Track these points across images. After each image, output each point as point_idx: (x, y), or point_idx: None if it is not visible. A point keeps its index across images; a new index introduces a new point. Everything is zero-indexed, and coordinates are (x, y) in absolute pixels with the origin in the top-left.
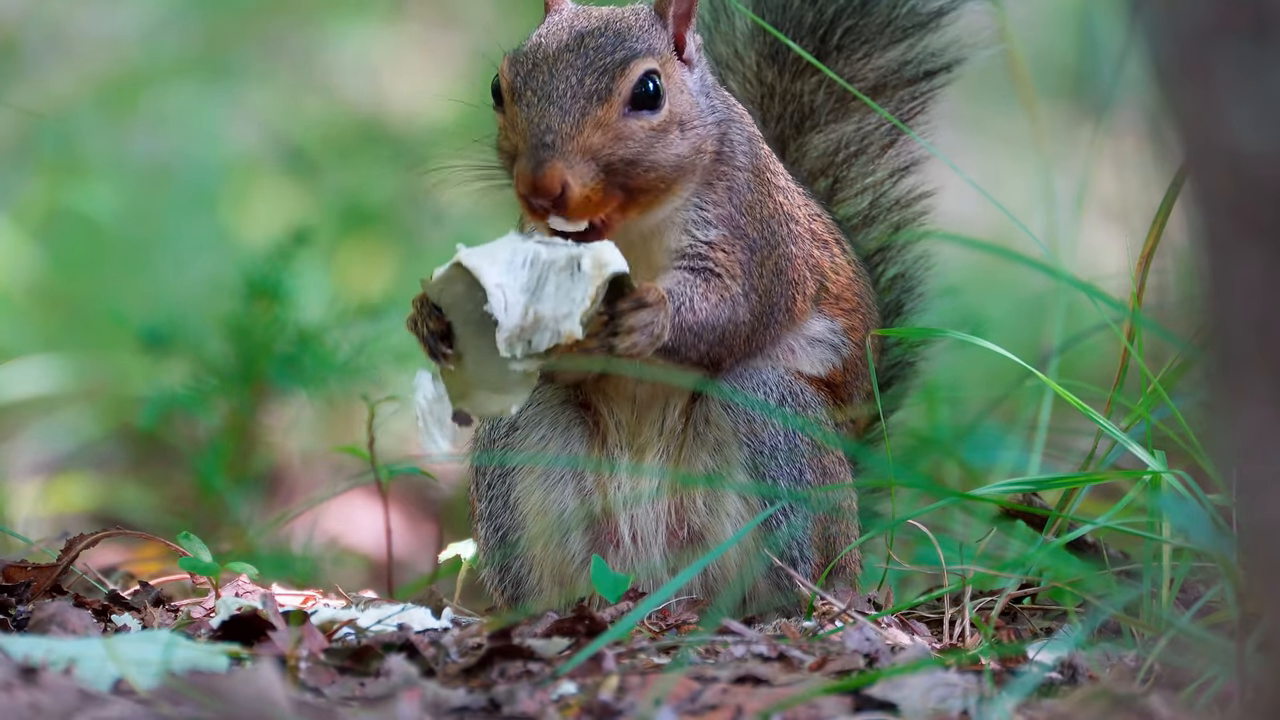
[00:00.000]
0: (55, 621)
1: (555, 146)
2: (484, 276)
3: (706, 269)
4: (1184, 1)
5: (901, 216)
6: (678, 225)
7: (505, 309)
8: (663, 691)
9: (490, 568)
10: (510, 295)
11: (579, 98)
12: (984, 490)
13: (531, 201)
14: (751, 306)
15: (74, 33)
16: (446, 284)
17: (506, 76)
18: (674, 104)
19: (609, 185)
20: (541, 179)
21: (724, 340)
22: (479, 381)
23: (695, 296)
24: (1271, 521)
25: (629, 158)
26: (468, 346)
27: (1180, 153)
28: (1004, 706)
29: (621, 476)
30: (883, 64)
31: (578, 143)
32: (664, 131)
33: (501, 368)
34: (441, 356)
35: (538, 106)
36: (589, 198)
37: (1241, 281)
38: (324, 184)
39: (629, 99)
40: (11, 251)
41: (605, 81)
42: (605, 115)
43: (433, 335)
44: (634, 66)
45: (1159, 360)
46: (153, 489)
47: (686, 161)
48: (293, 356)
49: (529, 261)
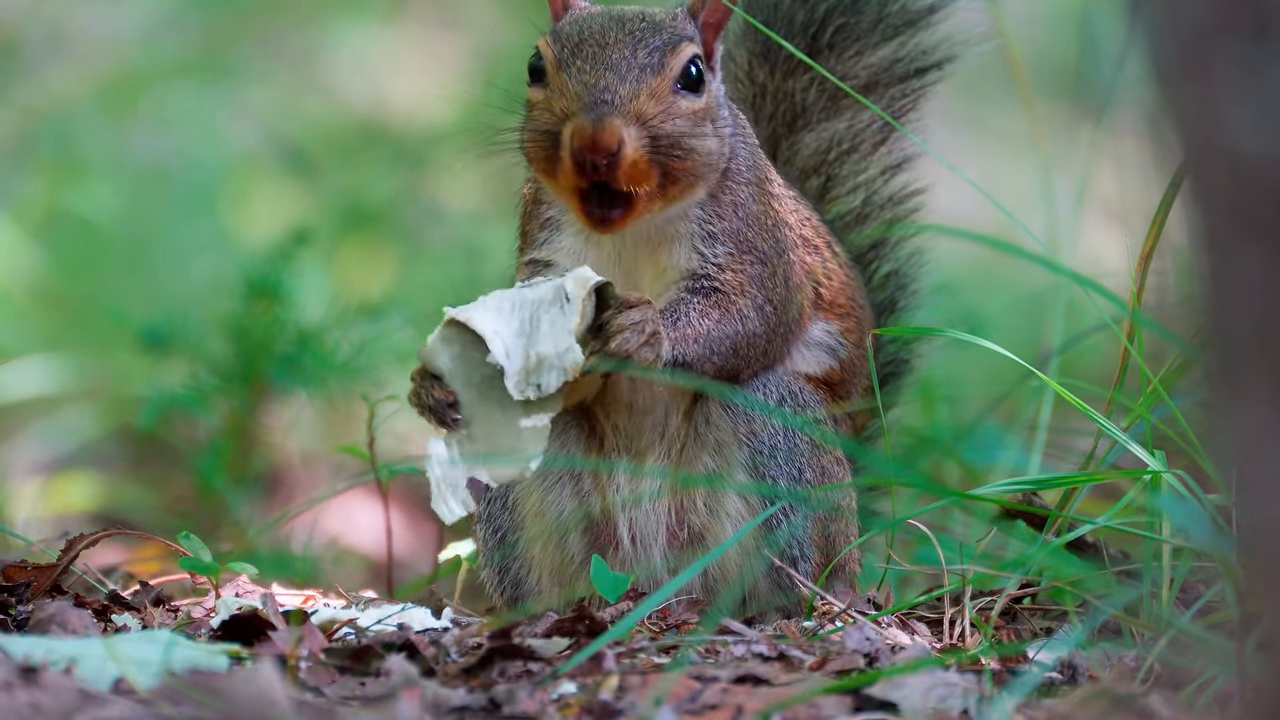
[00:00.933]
0: (55, 621)
1: (614, 104)
2: (477, 324)
3: (713, 289)
4: (1184, 1)
5: (894, 214)
6: (684, 238)
7: (506, 355)
8: (663, 691)
9: (490, 569)
10: (508, 341)
11: (634, 67)
12: (984, 490)
13: (585, 159)
14: (766, 318)
15: (74, 32)
16: (443, 345)
17: (550, 49)
18: (710, 97)
19: (653, 160)
20: (602, 132)
21: (737, 352)
22: (492, 445)
23: (692, 311)
24: (1271, 521)
25: (676, 135)
26: (474, 413)
27: (1180, 152)
28: (1004, 706)
29: (620, 478)
30: (874, 62)
31: (634, 106)
32: (702, 119)
33: (512, 427)
34: (451, 423)
35: (592, 71)
36: (637, 164)
37: (1241, 281)
38: (324, 184)
39: (679, 75)
40: (11, 251)
41: (658, 56)
42: (659, 86)
43: (439, 404)
44: (683, 48)
45: (1159, 360)
46: (153, 489)
47: (715, 158)
48: (293, 356)
49: (516, 305)
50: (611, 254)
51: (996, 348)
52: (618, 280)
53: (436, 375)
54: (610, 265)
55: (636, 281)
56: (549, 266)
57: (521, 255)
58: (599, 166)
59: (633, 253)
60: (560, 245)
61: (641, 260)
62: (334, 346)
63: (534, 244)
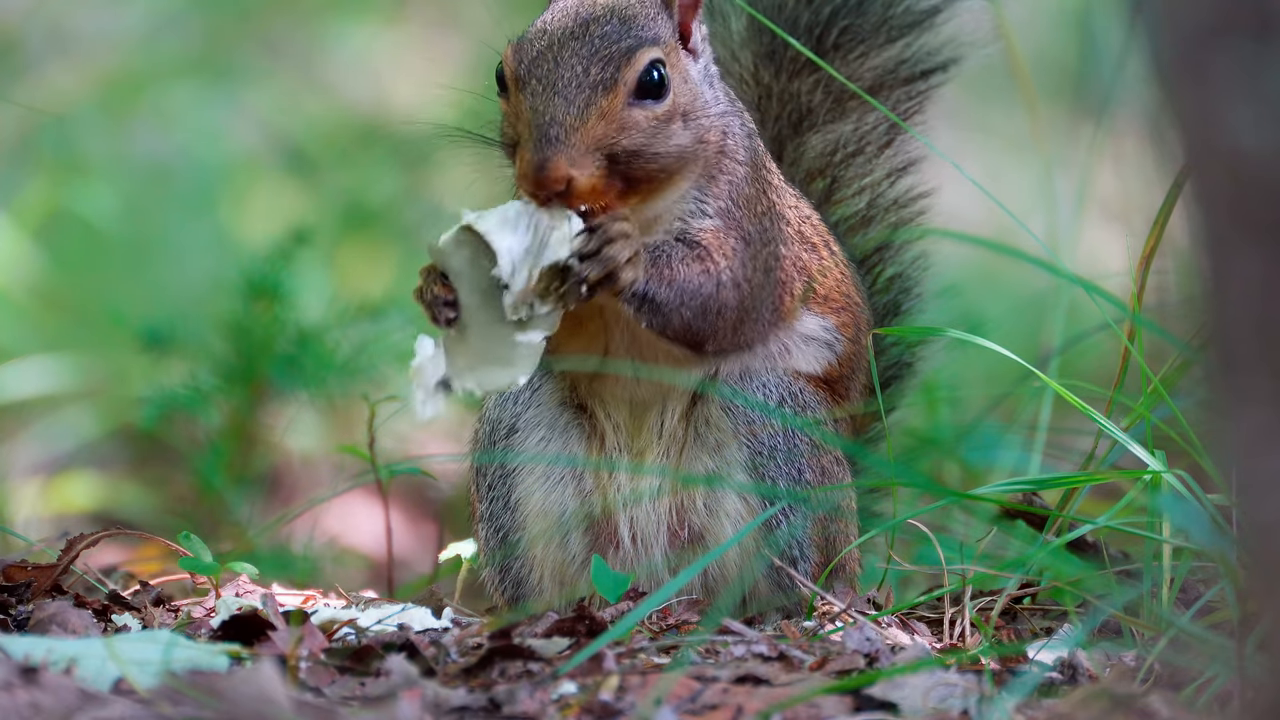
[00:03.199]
0: (55, 621)
1: (559, 140)
2: (494, 240)
3: (694, 243)
4: (1184, 1)
5: (899, 216)
6: (675, 217)
7: (513, 272)
8: (663, 691)
9: (491, 568)
10: (516, 258)
11: (584, 87)
12: (984, 490)
13: (535, 194)
14: (741, 295)
15: (74, 32)
16: (454, 248)
17: (511, 64)
18: (678, 94)
19: (611, 174)
20: (546, 175)
21: (706, 315)
22: (485, 354)
23: (674, 257)
24: (1271, 521)
25: (632, 148)
26: (473, 318)
27: (1180, 153)
28: (1004, 706)
29: (621, 477)
30: (879, 63)
31: (582, 134)
32: (667, 122)
33: (508, 340)
34: (446, 322)
35: (542, 96)
36: (594, 187)
37: (1241, 281)
38: (324, 184)
39: (634, 88)
40: (11, 251)
41: (610, 71)
42: (610, 105)
43: (438, 300)
44: (640, 56)
45: (1159, 360)
46: (153, 489)
47: (688, 152)
48: (293, 356)
49: (530, 222)
50: None
51: (997, 348)
52: None
53: (444, 273)
54: None
55: None
56: None
57: None
58: (552, 196)
59: None
60: None
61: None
62: (334, 346)
63: None
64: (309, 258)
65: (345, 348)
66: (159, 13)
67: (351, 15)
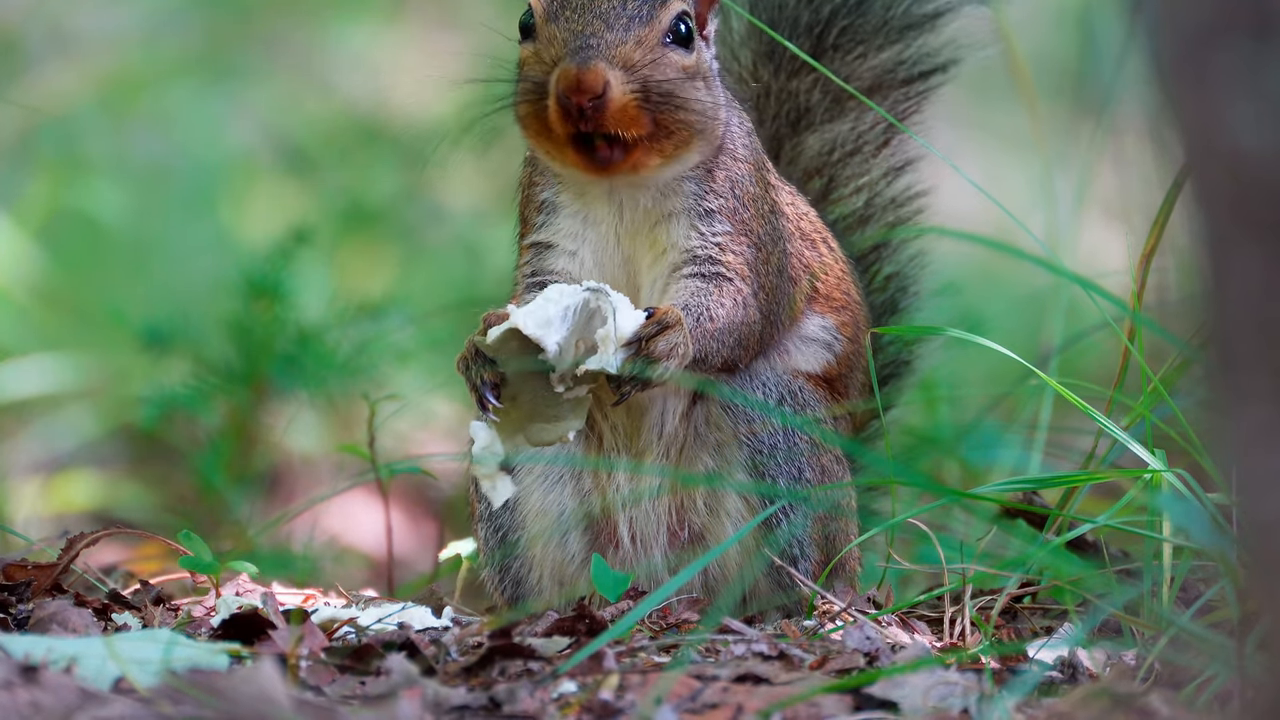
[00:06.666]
0: (56, 620)
1: (599, 49)
2: (546, 344)
3: (718, 274)
4: (1184, 1)
5: (897, 215)
6: (681, 214)
7: (559, 356)
8: (663, 690)
9: (490, 568)
10: (563, 344)
11: (621, 16)
12: (984, 489)
13: (571, 101)
14: (760, 305)
15: (75, 32)
16: (501, 344)
17: (540, 3)
18: (701, 58)
19: (642, 108)
20: (586, 73)
21: (741, 342)
22: (534, 414)
23: (711, 304)
24: (1271, 520)
25: (667, 86)
26: (522, 390)
27: (1180, 152)
28: (1004, 705)
29: (620, 477)
30: (878, 64)
31: (620, 52)
32: (692, 76)
33: (554, 397)
34: (489, 408)
35: (580, 18)
36: (626, 108)
37: (1241, 280)
38: (324, 184)
39: (668, 28)
40: (12, 251)
41: (647, 8)
42: (647, 35)
43: (485, 384)
44: (672, 3)
45: (1159, 359)
46: (153, 488)
47: (710, 118)
48: (293, 356)
49: (577, 309)
50: (609, 235)
51: (997, 346)
52: (616, 265)
53: (490, 359)
54: (609, 248)
55: (635, 266)
56: (550, 249)
57: (522, 239)
58: (585, 110)
59: (630, 233)
60: (558, 227)
61: (640, 242)
62: (334, 346)
63: (533, 228)
64: (309, 257)
65: (345, 347)
66: (159, 13)
67: (351, 15)
